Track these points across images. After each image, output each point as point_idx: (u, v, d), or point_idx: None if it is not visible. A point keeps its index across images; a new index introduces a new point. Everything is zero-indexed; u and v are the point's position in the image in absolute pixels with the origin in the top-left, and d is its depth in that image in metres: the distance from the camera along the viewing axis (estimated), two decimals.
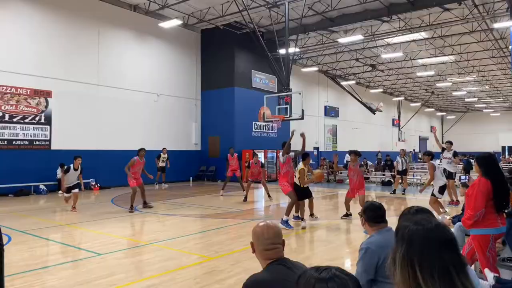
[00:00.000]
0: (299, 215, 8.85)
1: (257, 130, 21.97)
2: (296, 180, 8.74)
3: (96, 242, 7.23)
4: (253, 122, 21.55)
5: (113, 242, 7.44)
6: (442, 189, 9.38)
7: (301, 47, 22.53)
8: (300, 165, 8.82)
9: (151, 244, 6.93)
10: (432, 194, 9.39)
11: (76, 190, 10.49)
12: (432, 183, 9.38)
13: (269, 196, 13.33)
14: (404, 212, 2.40)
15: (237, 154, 15.27)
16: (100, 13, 17.20)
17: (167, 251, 6.47)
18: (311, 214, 9.37)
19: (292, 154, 9.00)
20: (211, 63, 21.46)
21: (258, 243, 2.14)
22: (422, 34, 20.94)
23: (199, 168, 21.44)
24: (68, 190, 10.55)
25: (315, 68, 27.58)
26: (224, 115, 20.86)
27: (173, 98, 20.40)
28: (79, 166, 10.46)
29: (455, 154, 11.86)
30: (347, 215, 9.63)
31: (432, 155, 9.83)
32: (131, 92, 18.35)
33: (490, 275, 3.66)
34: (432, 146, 51.93)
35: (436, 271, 1.23)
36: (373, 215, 3.01)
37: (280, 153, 9.01)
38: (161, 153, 17.58)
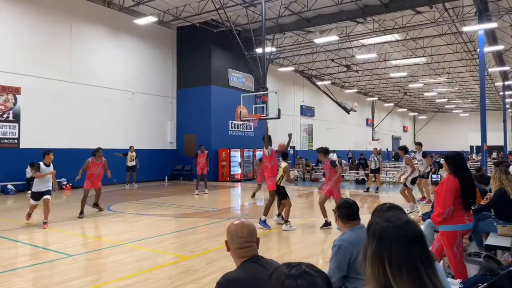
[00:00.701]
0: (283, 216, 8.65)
1: (233, 129, 21.92)
2: (277, 178, 8.65)
3: (67, 243, 7.04)
4: (230, 121, 21.50)
5: (85, 243, 7.27)
6: (413, 181, 9.96)
7: (278, 47, 22.64)
8: (284, 163, 8.75)
9: (125, 245, 6.81)
10: (404, 184, 9.80)
11: (48, 196, 8.40)
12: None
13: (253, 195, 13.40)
14: (377, 208, 2.46)
15: (207, 152, 15.15)
16: (73, 8, 16.72)
17: (141, 251, 6.38)
18: (279, 214, 9.02)
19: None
20: (187, 61, 21.24)
21: (232, 241, 2.14)
22: (395, 36, 21.44)
23: (175, 167, 21.21)
24: (36, 196, 8.43)
25: (291, 68, 27.78)
26: (201, 114, 20.70)
27: (148, 96, 20.08)
28: (51, 162, 8.74)
29: (425, 154, 12.21)
30: (327, 224, 8.45)
31: (406, 150, 10.24)
32: (105, 89, 17.94)
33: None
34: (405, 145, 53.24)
35: (404, 266, 1.27)
36: (347, 212, 3.07)
37: (264, 149, 8.91)
38: (129, 151, 16.91)
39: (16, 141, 14.75)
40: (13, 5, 14.80)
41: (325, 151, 8.61)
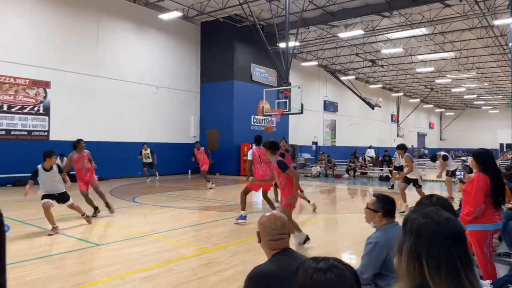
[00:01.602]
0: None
1: (256, 123, 21.95)
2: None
3: (93, 232, 7.24)
4: (252, 116, 21.52)
5: (110, 233, 7.45)
6: (408, 181, 9.61)
7: (301, 41, 22.45)
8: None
9: (149, 236, 6.95)
10: (407, 182, 9.42)
11: (69, 202, 7.55)
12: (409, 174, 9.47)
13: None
14: (422, 201, 2.40)
15: (203, 148, 15.08)
16: (100, 4, 17.08)
17: (165, 243, 6.49)
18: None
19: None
20: (210, 56, 21.37)
21: (265, 233, 2.14)
22: (423, 30, 20.88)
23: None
24: (47, 197, 7.42)
25: (315, 63, 27.51)
26: (223, 108, 20.81)
27: (172, 91, 20.34)
28: (53, 165, 7.58)
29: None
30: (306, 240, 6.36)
31: (406, 148, 9.88)
32: (130, 84, 18.28)
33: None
34: (431, 142, 52.08)
35: (443, 266, 1.22)
36: (390, 208, 2.98)
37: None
38: (142, 150, 16.40)
39: (46, 133, 15.25)
40: (44, 3, 15.23)
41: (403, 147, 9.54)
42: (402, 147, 9.89)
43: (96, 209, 8.77)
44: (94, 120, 16.74)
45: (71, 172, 9.63)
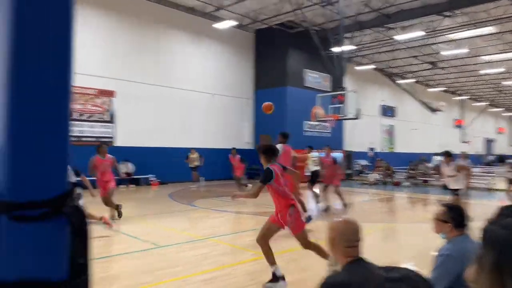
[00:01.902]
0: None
1: (308, 129, 21.80)
2: None
3: (155, 234, 7.56)
4: (305, 122, 21.40)
5: (171, 235, 7.75)
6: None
7: (356, 45, 22.00)
8: None
9: (208, 239, 7.13)
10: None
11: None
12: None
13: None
14: (503, 211, 2.26)
15: (239, 156, 14.97)
16: (159, 16, 17.98)
17: (223, 246, 6.63)
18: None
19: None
20: (264, 63, 21.63)
21: (341, 240, 2.05)
22: (490, 29, 19.56)
23: (251, 166, 21.67)
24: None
25: (370, 66, 26.80)
26: (276, 114, 20.82)
27: (227, 98, 20.84)
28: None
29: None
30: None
31: (451, 155, 8.99)
32: (187, 91, 19.00)
33: None
34: (500, 148, 48.40)
35: None
36: (462, 219, 2.83)
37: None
38: (189, 154, 16.45)
39: (111, 139, 16.27)
40: (108, 16, 16.35)
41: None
42: (449, 154, 9.09)
43: (117, 208, 8.65)
44: (154, 127, 17.58)
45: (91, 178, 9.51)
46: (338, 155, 16.63)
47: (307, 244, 4.82)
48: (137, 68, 17.17)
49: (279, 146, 8.03)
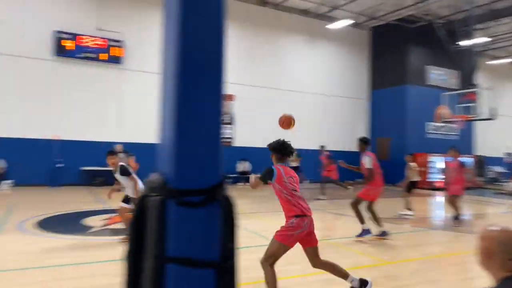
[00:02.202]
0: None
1: (432, 131, 20.08)
2: None
3: (270, 230, 7.78)
4: (427, 123, 19.78)
5: None
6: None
7: (490, 36, 19.52)
8: None
9: (324, 240, 7.09)
10: None
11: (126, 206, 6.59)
12: None
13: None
14: None
15: (328, 153, 13.85)
16: (277, 21, 18.62)
17: (341, 249, 6.53)
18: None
19: None
20: (381, 61, 20.68)
21: (504, 251, 1.78)
22: None
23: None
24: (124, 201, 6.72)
25: (507, 60, 23.50)
26: (395, 115, 19.79)
27: (342, 99, 20.48)
28: (117, 167, 6.59)
29: None
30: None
31: None
32: (303, 94, 19.22)
33: None
34: None
35: None
36: None
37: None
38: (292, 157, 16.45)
39: (230, 139, 17.40)
40: (233, 28, 17.48)
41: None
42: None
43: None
44: (269, 128, 18.17)
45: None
46: (467, 160, 14.99)
47: (266, 258, 4.30)
48: (258, 73, 18.12)
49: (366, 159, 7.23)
